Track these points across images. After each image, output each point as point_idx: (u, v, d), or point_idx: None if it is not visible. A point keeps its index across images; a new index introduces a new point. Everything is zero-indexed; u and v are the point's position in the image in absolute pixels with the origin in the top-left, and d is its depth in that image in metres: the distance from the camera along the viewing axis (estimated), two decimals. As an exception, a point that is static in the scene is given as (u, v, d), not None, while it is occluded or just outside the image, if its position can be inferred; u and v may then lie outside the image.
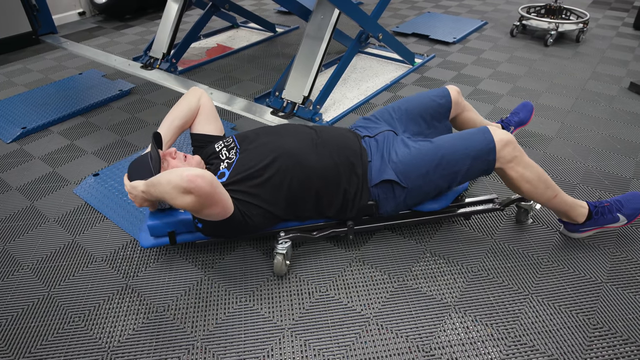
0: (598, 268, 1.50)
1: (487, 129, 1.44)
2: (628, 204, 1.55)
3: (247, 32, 3.87)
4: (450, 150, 1.44)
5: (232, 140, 1.55)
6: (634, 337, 1.28)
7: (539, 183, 1.45)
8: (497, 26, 3.89)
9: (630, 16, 4.06)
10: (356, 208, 1.49)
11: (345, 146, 1.50)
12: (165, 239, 1.49)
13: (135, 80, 2.98)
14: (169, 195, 1.20)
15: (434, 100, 1.71)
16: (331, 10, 2.41)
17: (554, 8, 3.57)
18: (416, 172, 1.44)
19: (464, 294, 1.42)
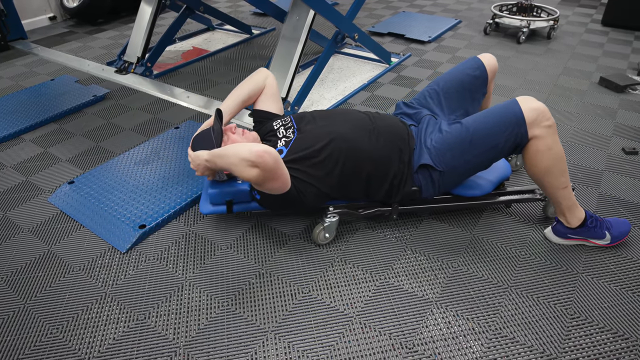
0: (574, 259, 1.54)
1: (516, 101, 1.42)
2: (617, 227, 1.56)
3: (223, 34, 3.85)
4: (480, 128, 1.44)
5: (289, 119, 1.64)
6: (609, 324, 1.31)
7: (559, 165, 1.43)
8: (470, 24, 3.95)
9: (599, 12, 4.17)
10: (401, 193, 1.55)
11: (396, 134, 1.56)
12: (222, 207, 1.62)
13: (109, 85, 2.93)
14: (235, 167, 1.32)
15: (468, 74, 1.70)
16: (306, 11, 2.42)
17: (525, 6, 3.64)
18: (449, 155, 1.48)
19: (445, 289, 1.44)
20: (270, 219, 1.74)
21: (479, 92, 1.72)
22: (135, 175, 1.97)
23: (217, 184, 1.61)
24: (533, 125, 1.38)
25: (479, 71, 1.70)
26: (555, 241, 1.61)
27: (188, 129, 2.33)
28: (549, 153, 1.41)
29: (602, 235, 1.55)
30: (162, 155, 2.11)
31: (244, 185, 1.60)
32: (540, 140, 1.39)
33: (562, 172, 1.45)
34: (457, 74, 1.72)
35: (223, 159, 1.38)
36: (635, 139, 2.20)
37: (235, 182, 1.61)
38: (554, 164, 1.43)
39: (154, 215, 1.72)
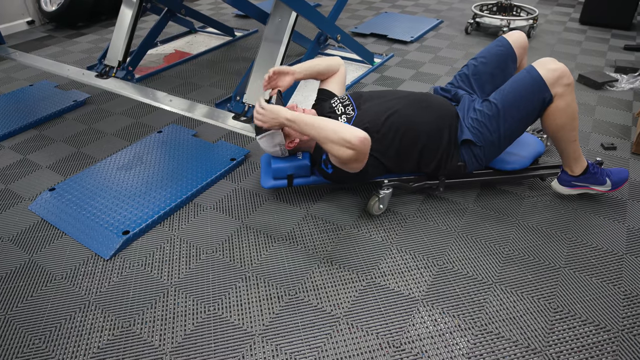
0: (556, 254, 1.56)
1: (533, 68, 1.53)
2: (616, 174, 1.72)
3: (205, 37, 3.83)
4: (508, 102, 1.56)
5: (347, 98, 1.76)
6: (592, 317, 1.34)
7: (573, 121, 1.57)
8: (452, 24, 3.99)
9: (577, 11, 4.25)
10: (448, 168, 1.68)
11: (447, 110, 1.68)
12: (283, 181, 1.75)
13: (90, 90, 2.89)
14: (329, 142, 1.42)
15: (492, 52, 1.80)
16: (288, 13, 2.42)
17: (505, 5, 3.69)
18: (486, 131, 1.60)
19: (430, 287, 1.45)
20: (258, 221, 1.74)
21: (509, 68, 1.80)
22: (118, 180, 1.95)
23: (279, 159, 1.73)
24: (554, 85, 1.51)
25: (504, 48, 1.79)
26: (561, 191, 1.77)
27: (171, 132, 2.31)
28: (566, 110, 1.54)
29: (603, 181, 1.70)
30: (145, 159, 2.09)
31: (304, 160, 1.72)
32: (560, 99, 1.52)
33: (574, 128, 1.59)
34: (484, 54, 1.83)
35: (315, 129, 1.46)
36: (613, 134, 2.25)
37: (297, 158, 1.73)
38: (569, 121, 1.56)
39: (138, 221, 1.71)
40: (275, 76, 1.75)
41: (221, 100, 2.68)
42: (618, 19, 3.69)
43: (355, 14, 4.34)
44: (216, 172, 1.97)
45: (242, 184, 1.96)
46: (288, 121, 1.52)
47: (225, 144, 2.20)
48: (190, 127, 2.40)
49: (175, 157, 2.09)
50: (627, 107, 2.50)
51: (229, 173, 2.02)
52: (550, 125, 1.59)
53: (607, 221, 1.70)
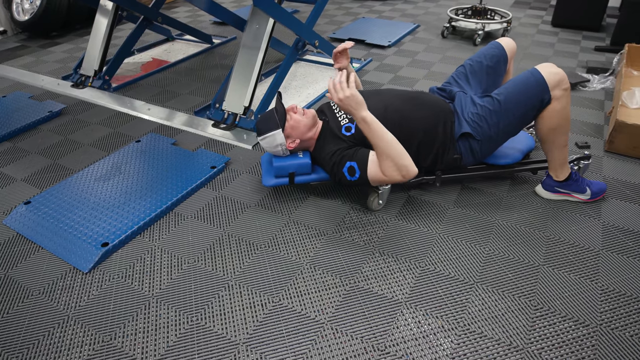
0: (535, 252, 1.59)
1: (537, 70, 1.62)
2: (596, 185, 1.81)
3: (183, 44, 3.80)
4: (510, 99, 1.64)
5: None
6: (571, 313, 1.36)
7: (565, 124, 1.64)
8: (428, 28, 4.04)
9: (548, 14, 4.35)
10: (445, 161, 1.76)
11: (440, 106, 1.76)
12: (284, 179, 1.80)
13: (66, 100, 2.84)
14: (390, 158, 1.52)
15: (488, 54, 1.90)
16: (266, 20, 2.42)
17: (479, 9, 3.76)
18: (486, 125, 1.67)
19: (413, 289, 1.46)
20: (239, 229, 1.73)
21: (500, 70, 1.90)
22: (95, 192, 1.92)
23: (280, 158, 1.78)
24: (555, 88, 1.59)
25: (498, 50, 1.90)
26: (544, 196, 1.85)
27: (150, 142, 2.28)
28: (561, 113, 1.61)
29: (584, 189, 1.78)
30: (123, 170, 2.06)
31: (306, 159, 1.78)
32: (557, 101, 1.60)
33: (565, 132, 1.67)
34: (479, 55, 1.93)
35: (383, 142, 1.51)
36: (586, 133, 2.30)
37: (298, 156, 1.79)
38: (562, 124, 1.64)
39: (117, 232, 1.68)
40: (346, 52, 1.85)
41: (200, 108, 2.66)
42: (588, 21, 3.79)
43: (333, 20, 4.37)
44: (196, 181, 1.96)
45: (223, 191, 1.95)
46: (362, 119, 1.52)
47: (205, 152, 2.18)
48: (169, 136, 2.38)
49: (155, 167, 2.07)
50: (599, 107, 2.56)
51: (209, 181, 2.01)
52: (544, 126, 1.65)
53: (583, 218, 1.74)
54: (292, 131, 1.73)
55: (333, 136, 1.73)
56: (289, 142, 1.75)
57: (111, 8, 3.00)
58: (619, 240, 1.63)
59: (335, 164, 1.67)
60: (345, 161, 1.65)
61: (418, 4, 4.88)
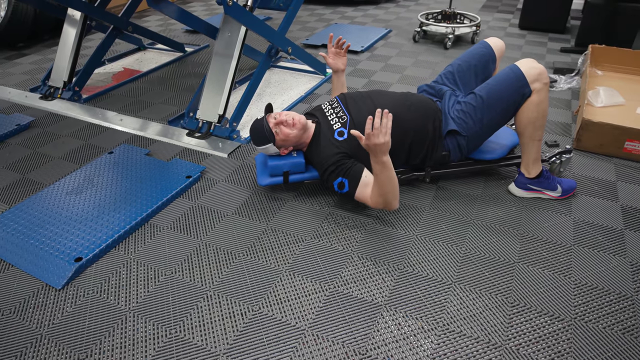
0: (510, 250, 1.62)
1: (516, 66, 1.69)
2: (566, 182, 1.86)
3: (155, 53, 3.76)
4: (492, 95, 1.71)
5: (335, 100, 1.90)
6: (546, 308, 1.39)
7: (542, 118, 1.71)
8: (400, 33, 4.10)
9: (515, 17, 4.47)
10: (434, 158, 1.83)
11: (428, 106, 1.82)
12: (279, 178, 1.85)
13: (34, 112, 2.77)
14: (383, 196, 1.57)
15: (476, 53, 1.96)
16: (238, 28, 2.41)
17: (449, 14, 3.83)
18: (471, 121, 1.75)
19: (393, 292, 1.47)
20: (217, 238, 1.71)
21: (489, 69, 1.96)
22: (67, 205, 1.87)
23: (275, 157, 1.84)
24: (534, 82, 1.66)
25: (486, 49, 1.96)
26: (517, 194, 1.89)
27: (123, 153, 2.25)
28: (539, 106, 1.68)
29: (555, 187, 1.84)
30: (96, 182, 2.02)
31: (299, 158, 1.85)
32: (537, 94, 1.67)
33: (541, 126, 1.73)
34: (468, 54, 1.98)
35: (388, 182, 1.54)
36: (555, 132, 2.37)
37: (292, 156, 1.85)
38: (540, 117, 1.70)
39: (91, 247, 1.64)
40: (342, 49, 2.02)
41: (174, 117, 2.63)
42: (553, 24, 3.92)
43: (306, 26, 4.39)
44: (172, 191, 1.93)
45: (199, 201, 1.93)
46: (382, 162, 1.49)
47: (180, 161, 2.16)
48: (143, 146, 2.34)
49: (128, 178, 2.03)
50: (567, 106, 2.64)
51: (185, 191, 1.99)
52: (522, 118, 1.72)
53: (554, 215, 1.78)
54: (283, 143, 1.80)
55: (326, 140, 1.77)
56: (282, 150, 1.84)
57: (79, 18, 2.95)
58: (589, 235, 1.68)
59: (328, 172, 1.72)
60: (339, 175, 1.69)
61: (389, 9, 4.95)
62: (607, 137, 2.09)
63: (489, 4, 5.04)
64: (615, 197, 1.88)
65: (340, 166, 1.69)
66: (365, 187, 1.65)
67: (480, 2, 5.12)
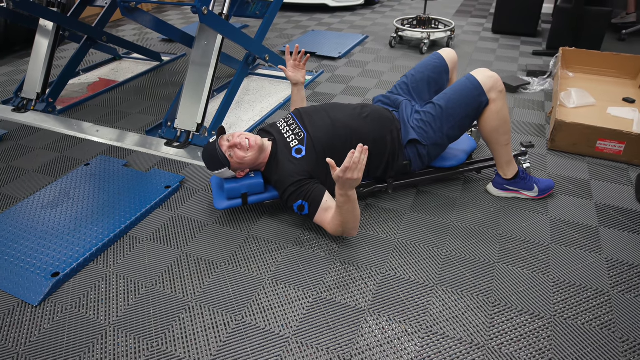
0: (490, 250, 1.65)
1: (472, 76, 1.73)
2: (543, 182, 1.89)
3: (131, 63, 3.71)
4: (451, 104, 1.73)
5: (291, 117, 1.84)
6: (527, 307, 1.42)
7: (505, 124, 1.74)
8: (377, 39, 4.15)
9: (489, 22, 4.57)
10: (395, 168, 1.81)
11: (384, 117, 1.81)
12: (237, 201, 1.76)
13: (6, 125, 2.71)
14: (344, 226, 1.57)
15: (429, 65, 1.97)
16: (214, 36, 2.41)
17: (424, 19, 3.89)
18: (431, 130, 1.76)
19: (376, 296, 1.47)
20: (198, 248, 1.69)
21: (442, 80, 1.98)
22: (43, 220, 1.83)
23: (232, 180, 1.76)
24: (490, 91, 1.70)
25: (438, 61, 1.98)
26: (495, 194, 1.93)
27: (100, 164, 2.21)
28: (499, 113, 1.72)
29: (532, 187, 1.87)
30: (72, 195, 1.97)
31: (257, 179, 1.77)
32: (494, 103, 1.71)
33: (506, 132, 1.76)
34: (422, 66, 2.00)
35: (350, 214, 1.53)
36: (530, 133, 2.42)
37: (249, 177, 1.77)
38: (502, 124, 1.74)
39: (68, 261, 1.60)
40: (301, 62, 2.01)
41: (152, 127, 2.60)
42: (525, 28, 4.01)
43: (284, 33, 4.40)
44: (151, 202, 1.90)
45: (179, 211, 1.90)
46: (346, 194, 1.47)
47: (159, 171, 2.13)
48: (120, 157, 2.31)
49: (106, 190, 2.00)
50: (540, 107, 2.71)
51: (164, 201, 1.96)
52: (485, 127, 1.76)
53: (532, 215, 1.82)
54: (239, 166, 1.72)
55: (284, 159, 1.71)
56: (239, 173, 1.76)
57: (52, 28, 2.90)
58: (566, 233, 1.72)
59: (289, 193, 1.66)
60: (298, 198, 1.64)
61: (365, 15, 5.00)
62: (580, 136, 2.15)
63: (463, 9, 5.14)
64: (590, 195, 1.93)
65: (301, 187, 1.64)
66: (325, 212, 1.61)
67: (454, 8, 5.22)
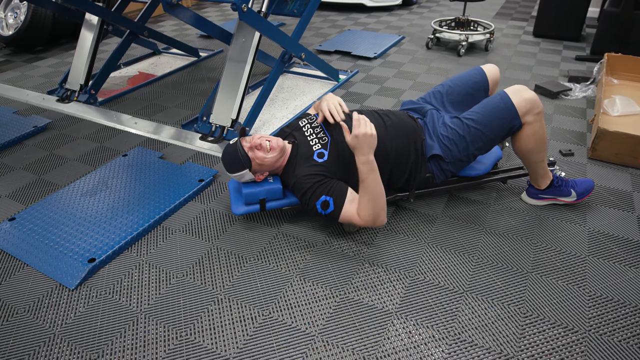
0: (523, 259, 1.60)
1: (507, 96, 1.62)
2: (581, 185, 1.81)
3: (169, 58, 3.80)
4: (480, 125, 1.64)
5: (315, 118, 1.78)
6: (560, 319, 1.37)
7: (542, 144, 1.66)
8: (413, 40, 4.10)
9: (530, 25, 4.44)
10: (417, 180, 1.75)
11: (408, 126, 1.73)
12: (255, 206, 1.72)
13: (51, 114, 2.82)
14: (371, 205, 1.51)
15: (469, 79, 1.88)
16: (252, 33, 2.43)
17: (462, 21, 3.82)
18: (455, 149, 1.68)
19: (404, 299, 1.46)
20: (228, 242, 1.72)
21: (480, 97, 1.86)
22: (82, 207, 1.89)
23: (250, 184, 1.72)
24: (526, 115, 1.61)
25: (480, 77, 1.88)
26: (530, 202, 1.87)
27: (137, 155, 2.27)
28: (534, 136, 1.64)
29: (568, 193, 1.80)
30: (110, 184, 2.04)
31: (276, 184, 1.72)
32: (529, 126, 1.62)
33: (542, 150, 1.68)
34: (460, 79, 1.91)
35: (376, 185, 1.51)
36: (570, 141, 2.34)
37: (268, 182, 1.73)
38: (537, 145, 1.66)
39: (104, 248, 1.66)
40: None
41: (188, 121, 2.66)
42: (568, 32, 3.88)
43: (319, 32, 4.41)
44: (184, 194, 1.94)
45: (211, 204, 1.94)
46: (367, 160, 1.48)
47: (193, 165, 2.18)
48: (156, 150, 2.37)
49: (142, 181, 2.06)
50: (582, 115, 2.62)
51: (197, 194, 2.00)
52: (519, 148, 1.69)
53: (569, 225, 1.76)
54: (259, 168, 1.67)
55: (305, 162, 1.65)
56: (258, 176, 1.71)
57: (96, 22, 3.00)
58: (604, 246, 1.66)
59: (310, 193, 1.59)
60: (321, 194, 1.57)
61: (402, 16, 4.95)
62: (623, 146, 2.06)
63: (503, 12, 5.02)
64: (632, 207, 1.85)
65: (322, 184, 1.58)
66: (352, 203, 1.56)
67: (494, 10, 5.10)
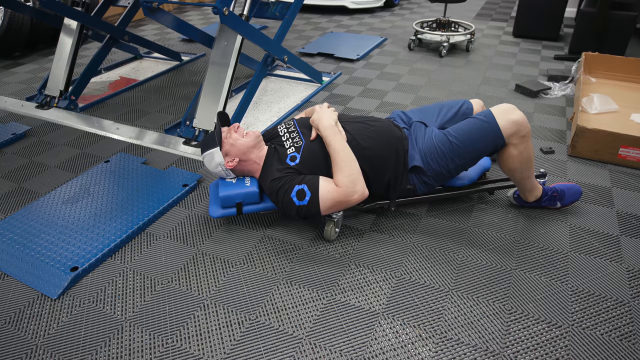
0: (506, 257, 1.62)
1: (492, 117, 1.58)
2: (568, 197, 1.81)
3: (151, 62, 3.77)
4: (463, 143, 1.61)
5: (292, 123, 1.78)
6: (544, 315, 1.39)
7: (528, 163, 1.64)
8: (396, 41, 4.13)
9: (509, 25, 4.52)
10: (398, 190, 1.71)
11: (392, 134, 1.70)
12: (232, 210, 1.71)
13: (30, 121, 2.77)
14: (344, 175, 1.52)
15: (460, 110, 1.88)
16: (234, 36, 2.43)
17: (443, 22, 3.86)
18: (436, 164, 1.65)
19: (390, 299, 1.47)
20: (214, 247, 1.71)
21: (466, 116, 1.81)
22: (63, 215, 1.86)
23: (227, 186, 1.71)
24: (511, 137, 1.57)
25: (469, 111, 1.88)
26: (515, 203, 1.89)
27: (119, 161, 2.24)
28: (519, 157, 1.60)
29: (554, 204, 1.82)
30: (92, 191, 2.01)
31: (253, 188, 1.70)
32: (513, 147, 1.59)
33: (528, 168, 1.66)
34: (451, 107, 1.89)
35: (341, 156, 1.54)
36: (550, 139, 2.38)
37: (245, 185, 1.71)
38: (522, 165, 1.63)
39: (87, 256, 1.63)
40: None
41: (171, 126, 2.63)
42: (547, 32, 3.96)
43: (302, 35, 4.42)
44: (168, 200, 1.93)
45: (196, 209, 1.92)
46: (329, 125, 1.60)
47: (177, 170, 2.16)
48: (139, 155, 2.34)
49: (125, 187, 2.03)
50: (561, 113, 2.66)
51: (181, 200, 1.98)
52: (504, 166, 1.66)
53: (550, 222, 1.79)
54: (230, 148, 1.66)
55: (277, 164, 1.65)
56: (228, 161, 1.68)
57: (76, 27, 2.96)
58: (586, 241, 1.69)
59: (282, 189, 1.57)
60: (294, 185, 1.56)
61: (384, 17, 4.99)
62: (602, 143, 2.11)
63: (483, 12, 5.09)
64: (611, 203, 1.89)
65: (294, 178, 1.58)
66: (327, 181, 1.54)
67: (474, 11, 5.17)
